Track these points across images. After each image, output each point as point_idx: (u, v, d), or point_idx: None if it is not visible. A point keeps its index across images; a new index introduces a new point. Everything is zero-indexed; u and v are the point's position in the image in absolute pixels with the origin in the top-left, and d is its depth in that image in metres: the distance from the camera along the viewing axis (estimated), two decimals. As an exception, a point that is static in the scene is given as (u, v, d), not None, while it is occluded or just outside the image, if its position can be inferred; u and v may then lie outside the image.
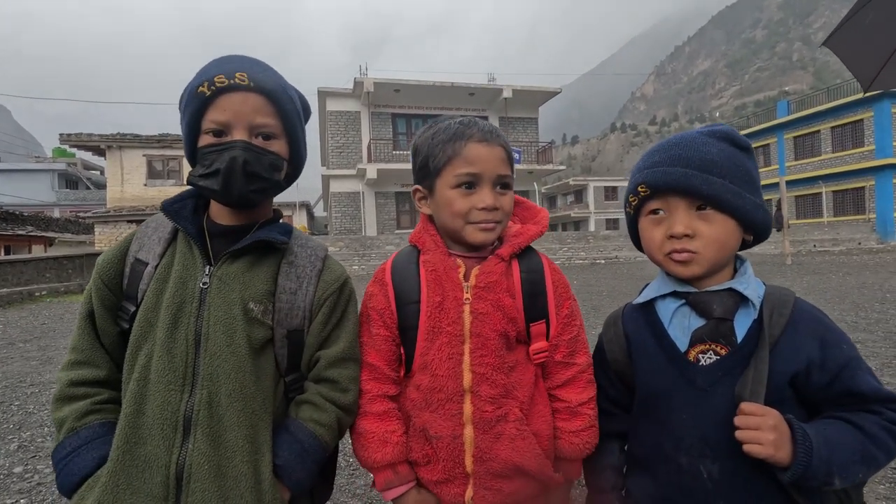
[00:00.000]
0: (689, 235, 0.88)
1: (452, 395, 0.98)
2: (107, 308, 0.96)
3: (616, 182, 48.83)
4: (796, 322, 0.87)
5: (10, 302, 11.44)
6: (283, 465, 0.92)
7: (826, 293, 7.92)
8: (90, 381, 0.92)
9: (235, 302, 0.93)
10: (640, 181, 0.93)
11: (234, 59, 0.94)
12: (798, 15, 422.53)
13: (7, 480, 2.59)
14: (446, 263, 1.03)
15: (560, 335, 1.04)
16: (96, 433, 0.89)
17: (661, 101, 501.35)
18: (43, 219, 23.30)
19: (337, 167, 22.12)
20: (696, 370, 0.89)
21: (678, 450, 0.90)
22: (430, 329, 1.00)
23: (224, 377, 0.89)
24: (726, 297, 0.90)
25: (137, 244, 0.99)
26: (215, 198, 0.98)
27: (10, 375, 4.90)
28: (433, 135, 1.05)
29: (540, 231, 1.08)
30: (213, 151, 0.93)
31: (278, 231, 1.01)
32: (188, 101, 0.94)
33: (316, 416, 0.96)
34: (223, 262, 0.95)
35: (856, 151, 26.40)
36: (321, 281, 1.02)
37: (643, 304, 1.00)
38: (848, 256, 16.48)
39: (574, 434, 1.02)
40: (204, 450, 0.86)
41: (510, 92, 22.63)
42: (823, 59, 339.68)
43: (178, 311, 0.91)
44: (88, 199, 36.91)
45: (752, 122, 34.80)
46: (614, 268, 15.77)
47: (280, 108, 0.96)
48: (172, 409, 0.87)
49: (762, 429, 0.78)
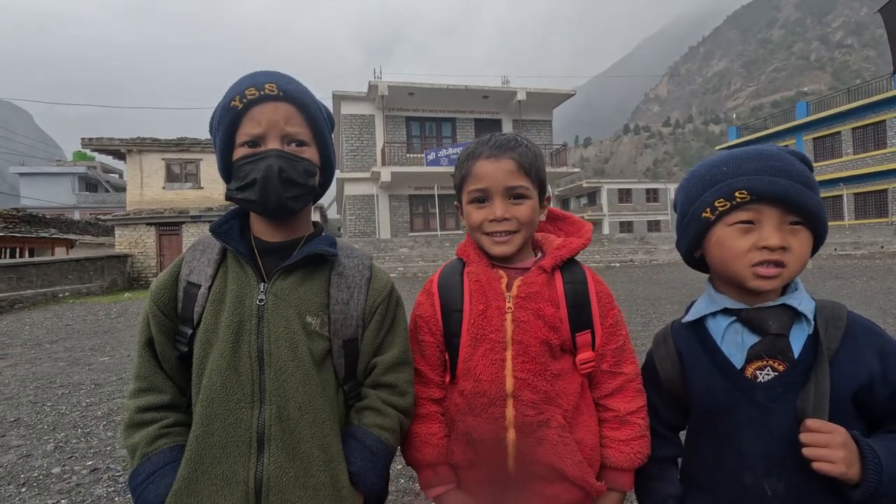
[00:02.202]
0: (784, 248, 0.86)
1: (495, 400, 1.01)
2: (164, 334, 0.97)
3: (630, 184, 48.39)
4: (853, 335, 0.87)
5: (34, 303, 11.71)
6: (357, 471, 0.94)
7: (851, 298, 7.76)
8: (156, 406, 0.94)
9: (294, 317, 0.95)
10: (739, 187, 0.88)
11: (262, 73, 0.97)
12: (816, 14, 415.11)
13: (47, 481, 2.65)
14: (489, 274, 1.08)
15: (606, 345, 1.06)
16: (167, 458, 0.90)
17: (676, 102, 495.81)
18: (64, 221, 23.78)
19: (351, 170, 22.26)
20: (755, 387, 0.89)
21: (742, 468, 0.89)
22: (474, 336, 1.04)
23: (292, 391, 0.91)
24: (781, 313, 0.89)
25: (188, 268, 1.00)
26: (254, 209, 0.99)
27: (40, 376, 5.02)
28: (460, 154, 1.14)
29: (583, 244, 1.10)
30: (248, 163, 0.95)
31: (326, 243, 1.02)
32: (221, 116, 0.96)
33: (379, 422, 0.99)
34: (277, 278, 0.97)
35: (878, 153, 25.90)
36: (371, 289, 1.05)
37: (692, 322, 0.99)
38: (871, 260, 16.13)
39: (624, 443, 1.03)
40: (281, 463, 0.88)
41: (524, 94, 22.59)
42: (842, 59, 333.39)
43: (239, 329, 0.92)
44: (108, 201, 37.63)
45: (769, 124, 34.30)
46: (630, 271, 15.63)
47: (310, 117, 0.99)
48: (245, 425, 0.89)
49: (831, 446, 0.78)
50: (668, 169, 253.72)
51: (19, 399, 4.21)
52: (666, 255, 19.47)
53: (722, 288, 0.97)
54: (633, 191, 47.21)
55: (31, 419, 3.69)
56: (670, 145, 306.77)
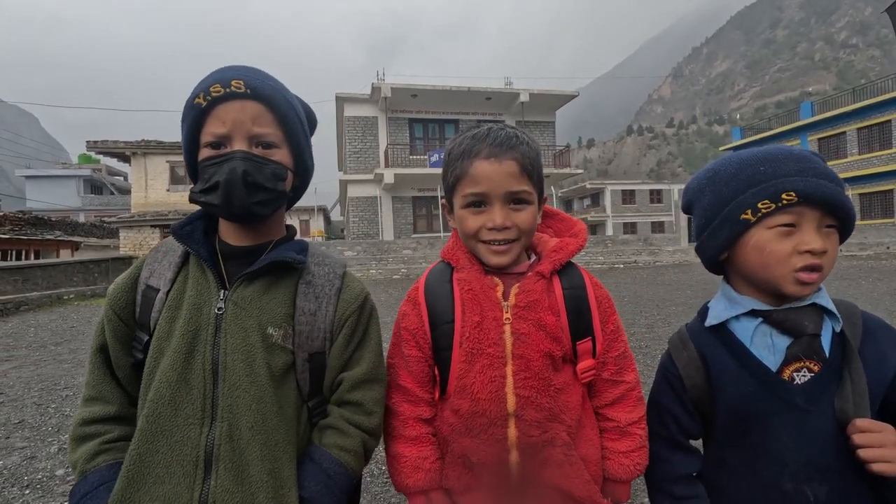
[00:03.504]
0: (825, 252, 0.84)
1: (496, 420, 0.93)
2: (119, 339, 0.91)
3: (634, 185, 48.26)
4: (872, 331, 0.87)
5: (39, 305, 11.77)
6: (310, 497, 0.87)
7: (857, 300, 7.69)
8: (101, 418, 0.89)
9: (253, 328, 0.88)
10: (787, 188, 0.84)
11: (230, 68, 0.91)
12: (820, 14, 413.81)
13: (50, 483, 2.66)
14: (483, 282, 0.99)
15: (607, 352, 1.01)
16: (104, 477, 0.84)
17: (679, 103, 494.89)
18: (70, 223, 23.94)
19: (354, 172, 22.30)
20: (793, 390, 0.86)
21: (781, 475, 0.85)
22: (469, 351, 0.96)
23: (245, 409, 0.84)
24: (812, 312, 0.87)
25: (148, 270, 0.95)
26: (218, 213, 0.94)
27: (44, 378, 5.03)
28: (451, 149, 1.01)
29: (580, 245, 1.03)
30: (211, 164, 0.89)
31: (294, 249, 0.96)
32: (185, 113, 0.90)
33: (341, 442, 0.92)
34: (238, 285, 0.91)
35: (883, 153, 25.75)
36: (341, 300, 0.98)
37: (714, 325, 0.94)
38: (876, 261, 16.01)
39: (624, 455, 0.99)
40: (228, 486, 0.82)
41: (527, 96, 22.59)
42: (847, 59, 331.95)
43: (194, 338, 0.86)
44: (112, 203, 37.90)
45: (773, 124, 34.17)
46: (633, 272, 15.58)
47: (280, 116, 0.92)
48: (192, 444, 0.83)
49: (887, 445, 0.76)
50: (671, 170, 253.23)
51: (24, 401, 4.22)
52: (670, 257, 19.39)
53: (743, 290, 0.93)
54: (637, 192, 47.07)
55: (35, 421, 3.69)
56: (674, 146, 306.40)
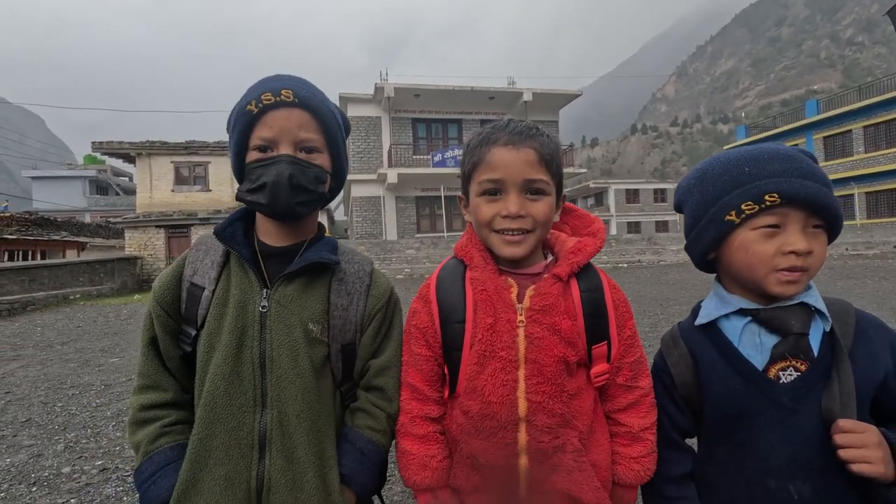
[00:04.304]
0: (809, 252, 0.84)
1: (506, 424, 0.92)
2: (168, 333, 0.99)
3: (637, 184, 48.10)
4: (865, 331, 0.86)
5: (46, 305, 11.85)
6: (348, 473, 0.98)
7: (862, 298, 7.66)
8: (158, 404, 0.97)
9: (296, 325, 0.96)
10: (770, 189, 0.84)
11: (279, 77, 0.98)
12: (825, 12, 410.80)
13: (56, 480, 2.68)
14: (497, 283, 0.97)
15: (623, 357, 0.98)
16: (168, 457, 0.93)
17: (683, 101, 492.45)
18: (75, 224, 24.09)
19: (358, 172, 22.31)
20: (779, 388, 0.86)
21: (765, 473, 0.86)
22: (481, 353, 0.94)
23: (291, 399, 0.94)
24: (800, 312, 0.87)
25: (191, 268, 1.01)
26: (263, 211, 1.00)
27: (51, 377, 5.08)
28: (470, 140, 1.02)
29: (599, 246, 1.00)
30: (259, 166, 0.96)
31: (327, 249, 1.03)
32: (237, 119, 0.97)
33: (370, 423, 1.02)
34: (279, 284, 0.98)
35: (890, 151, 25.55)
36: (370, 296, 1.06)
37: (704, 324, 0.95)
38: (883, 260, 15.90)
39: (635, 460, 0.97)
40: (280, 465, 0.92)
41: (530, 95, 22.55)
42: (853, 57, 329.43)
43: (242, 335, 0.94)
44: (118, 204, 38.08)
45: (779, 123, 33.97)
46: (637, 272, 15.54)
47: (323, 124, 1.00)
48: (247, 429, 0.92)
49: (868, 446, 0.76)
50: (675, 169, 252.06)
51: (31, 400, 4.26)
52: (674, 256, 19.32)
53: (733, 289, 0.94)
54: (641, 191, 46.92)
55: (42, 419, 3.73)
56: (678, 145, 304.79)
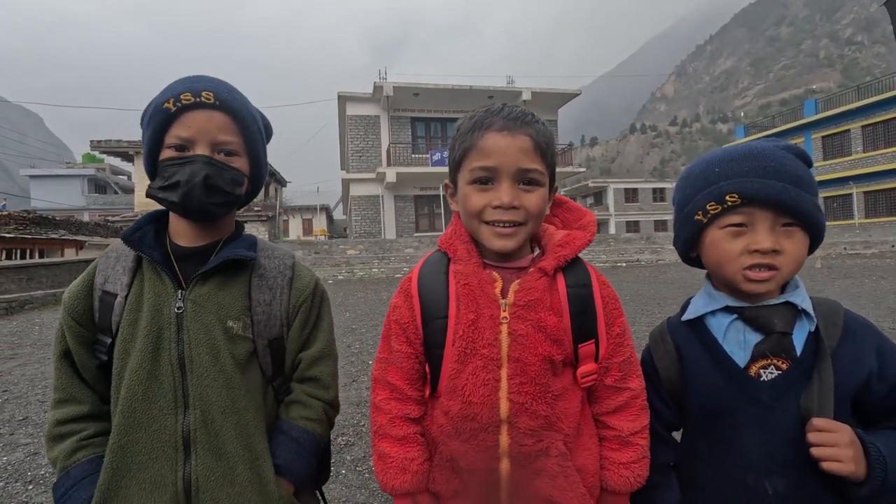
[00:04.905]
0: (776, 251, 0.85)
1: (487, 426, 0.88)
2: (81, 344, 0.96)
3: (636, 184, 48.13)
4: (851, 332, 0.87)
5: (44, 304, 11.83)
6: (283, 463, 0.98)
7: (860, 298, 7.67)
8: (75, 417, 0.95)
9: (214, 322, 0.95)
10: (730, 190, 0.86)
11: (201, 78, 0.97)
12: (825, 11, 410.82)
13: (53, 478, 2.68)
14: (481, 276, 0.92)
15: (611, 357, 0.94)
16: (86, 470, 0.91)
17: (682, 101, 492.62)
18: (74, 223, 23.99)
19: (356, 171, 22.33)
20: (759, 386, 0.87)
21: (743, 468, 0.88)
22: (462, 350, 0.90)
23: (215, 396, 0.93)
24: (784, 311, 0.88)
25: (102, 276, 0.99)
26: (174, 209, 0.98)
27: (48, 376, 5.07)
28: (461, 124, 0.97)
29: (588, 240, 0.96)
30: (173, 164, 0.94)
31: (244, 246, 1.02)
32: (152, 115, 0.94)
33: (305, 414, 1.03)
34: (194, 284, 0.96)
35: (889, 151, 25.60)
36: (293, 289, 1.06)
37: (691, 320, 0.97)
38: (881, 259, 15.94)
39: (625, 466, 0.93)
40: (208, 463, 0.91)
41: (529, 94, 22.59)
42: (852, 56, 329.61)
43: (158, 337, 0.93)
44: (116, 203, 38.07)
45: (777, 122, 34.01)
46: (636, 271, 15.55)
47: (243, 127, 0.99)
48: (169, 431, 0.91)
49: (840, 445, 0.77)
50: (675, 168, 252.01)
51: (28, 398, 4.26)
52: (672, 255, 19.33)
53: (721, 286, 0.96)
54: (640, 190, 46.94)
55: (39, 418, 3.73)
56: (677, 144, 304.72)
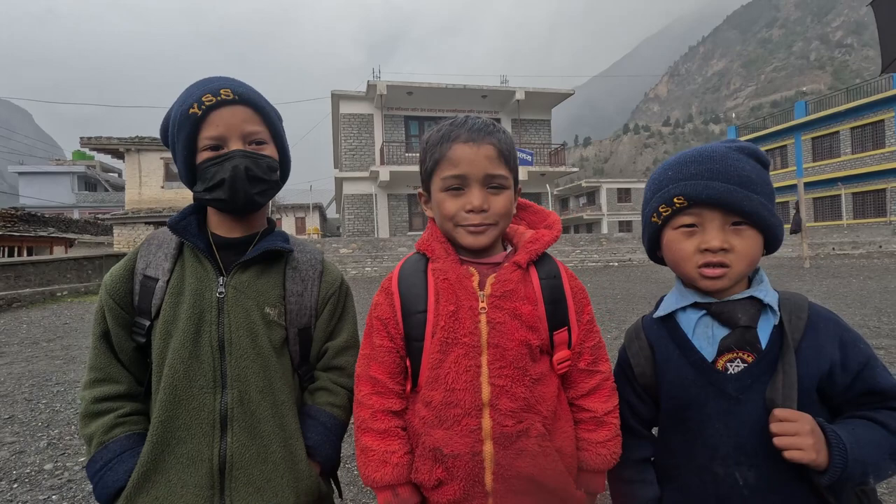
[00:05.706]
0: (725, 249, 0.89)
1: (470, 410, 0.93)
2: (121, 325, 1.01)
3: (629, 184, 48.36)
4: (815, 324, 0.89)
5: (32, 302, 11.71)
6: (313, 445, 1.05)
7: (847, 297, 7.77)
8: (112, 396, 0.99)
9: (253, 308, 1.02)
10: (676, 193, 0.91)
11: (213, 79, 1.01)
12: (816, 14, 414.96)
13: (38, 477, 2.66)
14: (459, 272, 0.99)
15: (583, 342, 1.02)
16: (124, 445, 0.95)
17: (675, 101, 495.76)
18: (63, 220, 23.76)
19: (350, 170, 22.27)
20: (725, 379, 0.90)
21: (713, 459, 0.90)
22: (444, 340, 0.96)
23: (253, 377, 0.99)
24: (748, 305, 0.91)
25: (143, 262, 1.04)
26: (223, 207, 1.03)
27: (36, 374, 5.02)
28: (429, 137, 1.05)
29: (555, 237, 1.06)
30: (213, 164, 0.99)
31: (280, 239, 1.09)
32: (180, 123, 0.98)
33: (331, 400, 1.09)
34: (235, 272, 1.03)
35: (876, 153, 25.96)
36: (323, 282, 1.14)
37: (663, 316, 1.00)
38: (868, 260, 16.15)
39: (601, 445, 1.00)
40: (243, 441, 0.97)
41: (523, 94, 22.61)
42: (842, 59, 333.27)
43: (199, 320, 0.98)
44: (107, 200, 37.68)
45: (768, 123, 34.32)
46: (628, 270, 15.65)
47: (265, 116, 1.04)
48: (208, 409, 0.96)
49: (801, 434, 0.80)
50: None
51: (14, 397, 4.22)
52: (664, 255, 19.48)
53: (689, 284, 0.98)
54: (633, 190, 47.19)
55: (25, 416, 3.69)
56: (670, 145, 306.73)
